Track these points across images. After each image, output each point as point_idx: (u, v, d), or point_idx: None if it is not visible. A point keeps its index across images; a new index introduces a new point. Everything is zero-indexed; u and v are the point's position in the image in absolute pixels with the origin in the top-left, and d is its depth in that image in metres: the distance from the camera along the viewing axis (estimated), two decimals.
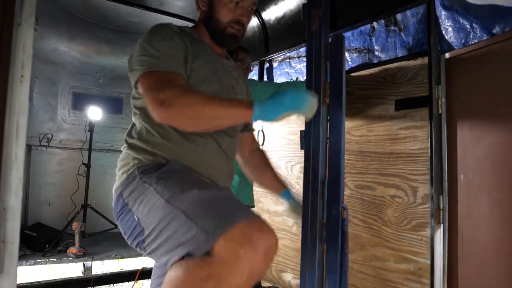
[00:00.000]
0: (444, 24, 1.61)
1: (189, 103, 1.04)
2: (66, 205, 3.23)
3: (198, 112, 1.03)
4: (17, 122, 0.87)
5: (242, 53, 2.15)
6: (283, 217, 2.41)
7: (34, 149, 3.24)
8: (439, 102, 1.61)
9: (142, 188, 1.08)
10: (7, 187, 0.85)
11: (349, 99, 2.00)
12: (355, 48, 2.12)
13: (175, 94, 1.05)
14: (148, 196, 1.05)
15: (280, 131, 2.49)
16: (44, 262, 2.62)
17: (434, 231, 1.57)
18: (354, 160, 1.96)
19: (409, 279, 1.66)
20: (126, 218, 1.11)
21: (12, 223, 0.86)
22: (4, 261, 0.84)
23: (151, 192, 1.04)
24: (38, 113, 3.25)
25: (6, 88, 0.86)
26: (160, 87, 1.07)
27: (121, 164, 1.20)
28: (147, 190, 1.06)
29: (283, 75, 2.67)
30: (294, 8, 2.35)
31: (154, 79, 1.09)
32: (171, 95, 1.05)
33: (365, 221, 1.89)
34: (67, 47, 3.20)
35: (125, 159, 1.19)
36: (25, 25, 0.88)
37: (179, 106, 1.04)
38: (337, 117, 1.27)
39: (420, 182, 1.66)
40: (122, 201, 1.13)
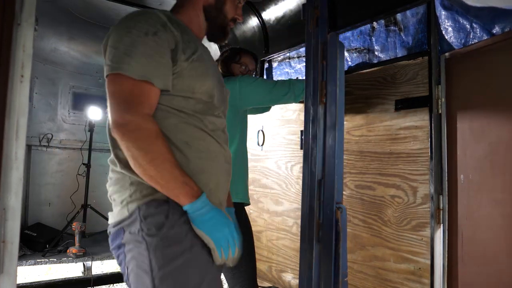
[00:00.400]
0: (444, 24, 1.61)
1: (146, 147, 0.94)
2: (66, 205, 3.24)
3: (147, 162, 0.94)
4: (17, 122, 0.87)
5: (247, 57, 2.05)
6: (283, 217, 2.41)
7: (34, 149, 3.24)
8: (439, 102, 1.61)
9: (139, 247, 0.97)
10: (7, 187, 0.85)
11: (349, 99, 2.00)
12: (355, 48, 2.12)
13: (140, 125, 0.94)
14: (140, 263, 0.96)
15: (280, 131, 2.49)
16: (44, 262, 2.62)
17: (434, 231, 1.58)
18: (354, 160, 1.96)
19: (409, 279, 1.66)
20: (119, 259, 1.03)
21: (12, 223, 0.86)
22: (4, 261, 0.84)
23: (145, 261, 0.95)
24: (38, 113, 3.25)
25: (6, 88, 0.86)
26: (128, 104, 0.95)
27: (116, 188, 1.04)
28: (142, 253, 0.96)
29: (282, 75, 2.67)
30: (294, 8, 2.34)
31: (124, 87, 0.96)
32: (136, 123, 0.94)
33: (365, 221, 1.89)
34: (67, 47, 3.21)
35: (120, 183, 1.03)
36: (25, 25, 0.88)
37: (136, 141, 0.94)
38: (334, 117, 1.27)
39: (420, 182, 1.66)
40: (121, 240, 1.00)
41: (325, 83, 1.28)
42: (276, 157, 2.50)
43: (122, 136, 0.94)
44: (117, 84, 0.97)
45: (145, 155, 0.94)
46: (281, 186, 2.44)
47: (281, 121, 2.44)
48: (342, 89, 1.36)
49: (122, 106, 0.95)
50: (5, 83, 0.86)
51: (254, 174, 2.63)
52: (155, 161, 0.94)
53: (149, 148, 0.94)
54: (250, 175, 2.53)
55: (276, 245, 2.46)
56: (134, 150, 0.94)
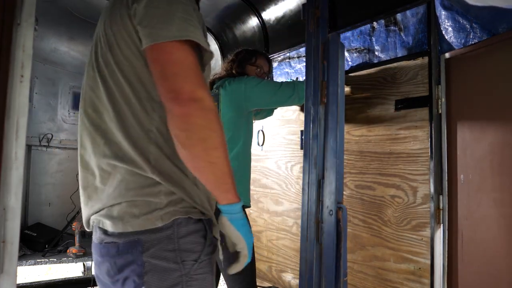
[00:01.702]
0: (444, 24, 1.61)
1: (218, 130, 0.82)
2: (66, 205, 3.23)
3: (214, 147, 0.82)
4: (17, 122, 0.87)
5: (262, 59, 2.04)
6: (283, 217, 2.41)
7: (34, 149, 3.24)
8: (439, 102, 1.61)
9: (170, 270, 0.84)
10: (7, 187, 0.85)
11: (349, 99, 2.00)
12: (355, 48, 2.12)
13: (212, 104, 0.81)
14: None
15: (280, 131, 2.49)
16: (44, 262, 2.62)
17: (434, 231, 1.57)
18: (354, 160, 1.96)
19: (409, 279, 1.66)
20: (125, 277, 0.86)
21: (12, 223, 0.86)
22: (4, 261, 0.84)
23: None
24: (38, 113, 3.25)
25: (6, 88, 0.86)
26: (199, 78, 0.81)
27: (135, 193, 0.86)
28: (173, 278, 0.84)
29: (283, 75, 2.67)
30: (294, 8, 2.34)
31: (192, 59, 0.82)
32: (210, 102, 0.81)
33: (365, 221, 1.89)
34: (67, 47, 3.21)
35: (146, 189, 0.86)
36: (25, 25, 0.88)
37: (211, 121, 0.81)
38: (335, 117, 1.27)
39: (420, 182, 1.66)
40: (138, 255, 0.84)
41: (326, 83, 1.28)
42: (276, 157, 2.50)
43: (196, 113, 0.79)
44: (181, 53, 0.81)
45: (215, 139, 0.82)
46: (281, 186, 2.44)
47: (281, 121, 2.44)
48: (343, 89, 1.36)
49: (194, 79, 0.80)
50: (5, 83, 0.86)
51: (254, 174, 2.63)
52: (221, 149, 0.83)
53: (219, 132, 0.82)
54: (251, 175, 2.53)
55: (276, 245, 2.46)
56: (205, 131, 0.80)
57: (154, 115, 0.89)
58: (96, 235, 0.93)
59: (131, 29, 0.86)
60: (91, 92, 0.95)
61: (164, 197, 0.87)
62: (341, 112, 1.31)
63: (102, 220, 0.90)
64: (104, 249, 0.89)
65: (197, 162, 0.83)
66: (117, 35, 0.88)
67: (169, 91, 0.80)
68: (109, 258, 0.88)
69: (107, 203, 0.89)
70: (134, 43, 0.87)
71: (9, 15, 0.86)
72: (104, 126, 0.91)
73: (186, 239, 0.88)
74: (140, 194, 0.86)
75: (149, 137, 0.88)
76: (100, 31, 0.95)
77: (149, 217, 0.85)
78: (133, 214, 0.86)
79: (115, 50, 0.89)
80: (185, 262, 0.86)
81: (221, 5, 2.67)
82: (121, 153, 0.88)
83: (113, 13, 0.89)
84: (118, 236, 0.86)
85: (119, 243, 0.86)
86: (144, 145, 0.87)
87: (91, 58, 0.98)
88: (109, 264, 0.88)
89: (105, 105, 0.91)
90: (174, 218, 0.86)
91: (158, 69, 0.82)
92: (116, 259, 0.86)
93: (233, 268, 0.97)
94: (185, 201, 0.89)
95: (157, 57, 0.82)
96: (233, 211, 0.90)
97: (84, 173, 0.97)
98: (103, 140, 0.91)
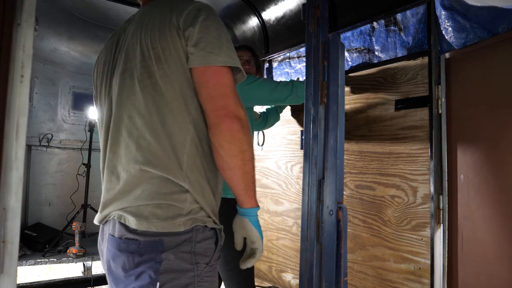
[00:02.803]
0: (444, 24, 1.61)
1: (252, 145, 0.99)
2: (66, 205, 3.24)
3: (249, 159, 0.97)
4: (17, 122, 0.87)
5: (240, 51, 2.08)
6: (283, 217, 2.41)
7: (34, 149, 3.24)
8: (439, 102, 1.61)
9: (184, 270, 0.93)
10: (7, 187, 0.85)
11: (349, 99, 2.00)
12: (355, 48, 2.12)
13: (248, 122, 0.97)
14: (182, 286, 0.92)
15: (280, 131, 2.49)
16: (44, 262, 2.62)
17: (434, 231, 1.57)
18: (354, 160, 1.96)
19: (409, 279, 1.66)
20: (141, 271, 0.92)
21: (12, 223, 0.86)
22: (4, 261, 0.84)
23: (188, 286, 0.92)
24: (38, 113, 3.25)
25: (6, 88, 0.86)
26: (239, 99, 0.97)
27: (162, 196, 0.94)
28: (186, 278, 0.93)
29: (283, 75, 2.67)
30: (294, 8, 2.34)
31: (232, 83, 0.98)
32: (247, 120, 0.97)
33: (365, 221, 1.89)
34: (67, 47, 3.21)
35: (174, 195, 0.94)
36: (25, 25, 0.88)
37: (248, 137, 0.96)
38: (335, 117, 1.27)
39: (420, 182, 1.66)
40: (159, 254, 0.91)
41: (326, 83, 1.28)
42: (276, 157, 2.50)
43: (239, 129, 0.94)
44: (228, 77, 0.97)
45: (250, 152, 0.97)
46: (281, 186, 2.44)
47: (281, 121, 2.44)
48: (343, 89, 1.36)
49: (237, 100, 0.96)
50: (5, 83, 0.86)
51: None
52: (253, 161, 0.98)
53: (252, 147, 0.99)
54: None
55: (276, 245, 2.46)
56: (245, 145, 0.95)
57: (190, 127, 0.97)
58: (115, 229, 0.97)
59: (180, 49, 0.96)
60: (127, 99, 1.01)
61: (189, 205, 0.95)
62: (341, 112, 1.31)
63: (125, 216, 0.95)
64: (123, 244, 0.94)
65: (235, 170, 0.95)
66: (165, 51, 0.96)
67: (220, 109, 0.94)
68: (127, 253, 0.93)
69: (133, 203, 0.95)
70: (181, 61, 0.97)
71: (9, 15, 0.86)
72: (138, 133, 0.98)
73: (202, 244, 0.96)
74: (169, 198, 0.94)
75: (184, 147, 0.97)
76: (143, 43, 1.00)
77: (173, 221, 0.93)
78: (158, 216, 0.93)
79: (162, 64, 0.97)
80: (198, 264, 0.95)
81: (221, 5, 2.67)
82: (154, 160, 0.95)
83: (162, 30, 0.98)
84: (141, 234, 0.92)
85: (141, 241, 0.92)
86: (179, 154, 0.96)
87: (126, 67, 1.03)
88: (126, 259, 0.93)
89: (142, 113, 0.98)
90: (194, 225, 0.95)
91: (211, 88, 0.95)
92: (135, 255, 0.92)
93: (248, 262, 1.07)
94: (203, 211, 0.98)
95: (210, 78, 0.95)
96: (254, 214, 1.03)
97: (109, 176, 1.04)
98: (135, 146, 0.97)
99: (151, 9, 1.05)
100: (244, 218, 1.04)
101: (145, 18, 1.03)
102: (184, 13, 0.98)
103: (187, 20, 0.97)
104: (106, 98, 1.09)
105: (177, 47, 0.96)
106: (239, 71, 1.02)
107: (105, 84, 1.10)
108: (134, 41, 1.02)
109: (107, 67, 1.11)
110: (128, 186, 0.97)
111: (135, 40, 1.01)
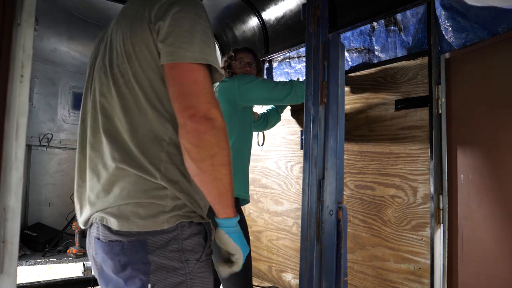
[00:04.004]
0: (444, 24, 1.60)
1: (226, 148, 0.89)
2: (66, 205, 3.23)
3: (221, 164, 0.88)
4: (17, 122, 0.87)
5: (240, 52, 2.12)
6: (283, 217, 2.41)
7: (34, 149, 3.24)
8: (439, 102, 1.61)
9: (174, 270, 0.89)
10: (7, 187, 0.85)
11: (349, 99, 2.00)
12: (355, 48, 2.12)
13: (223, 124, 0.88)
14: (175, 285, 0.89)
15: (280, 131, 2.49)
16: (44, 262, 2.62)
17: (434, 231, 1.57)
18: (354, 160, 1.96)
19: (409, 279, 1.66)
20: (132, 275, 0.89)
21: (12, 223, 0.86)
22: (4, 261, 0.84)
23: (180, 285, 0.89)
24: (38, 113, 3.25)
25: (6, 88, 0.86)
26: (213, 98, 0.88)
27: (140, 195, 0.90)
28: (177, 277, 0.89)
29: (282, 75, 2.67)
30: (294, 8, 2.34)
31: (207, 80, 0.89)
32: (221, 121, 0.88)
33: (365, 221, 1.89)
34: (67, 47, 3.21)
35: (153, 193, 0.91)
36: (25, 25, 0.88)
37: (220, 140, 0.87)
38: (335, 117, 1.27)
39: (420, 182, 1.66)
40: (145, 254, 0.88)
41: (326, 83, 1.28)
42: (276, 157, 2.50)
43: (208, 130, 0.85)
44: (200, 74, 0.88)
45: (223, 156, 0.88)
46: (281, 186, 2.44)
47: (281, 121, 2.44)
48: (343, 89, 1.36)
49: (209, 99, 0.88)
50: (5, 83, 0.86)
51: (254, 174, 2.63)
52: (227, 166, 0.89)
53: (227, 152, 0.89)
54: (250, 175, 2.53)
55: (276, 245, 2.46)
56: (215, 148, 0.86)
57: (168, 126, 0.93)
58: (99, 232, 0.94)
59: (152, 44, 0.91)
60: (102, 98, 0.98)
61: (170, 201, 0.91)
62: (341, 112, 1.31)
63: (106, 218, 0.92)
64: (107, 247, 0.91)
65: (204, 176, 0.88)
66: (136, 47, 0.92)
67: (186, 108, 0.86)
68: (112, 255, 0.90)
69: (114, 203, 0.92)
70: (153, 57, 0.91)
71: (9, 15, 0.86)
72: (114, 132, 0.95)
73: (189, 240, 0.92)
74: (148, 196, 0.90)
75: (162, 146, 0.93)
76: (117, 39, 0.97)
77: (155, 220, 0.89)
78: (139, 215, 0.89)
79: (133, 61, 0.92)
80: (188, 261, 0.91)
81: (221, 5, 2.67)
82: (131, 159, 0.92)
83: (133, 25, 0.93)
84: (123, 235, 0.89)
85: (124, 242, 0.89)
86: (156, 153, 0.92)
87: (103, 63, 1.00)
88: (112, 262, 0.91)
89: (117, 113, 0.94)
90: (179, 221, 0.91)
91: (178, 87, 0.88)
92: (120, 257, 0.89)
93: (225, 271, 1.02)
94: (187, 206, 0.94)
95: (177, 75, 0.88)
96: (231, 225, 0.95)
97: (91, 174, 0.99)
98: (113, 145, 0.94)
99: (130, 3, 1.00)
100: (219, 229, 0.96)
101: (122, 13, 1.00)
102: (157, 5, 0.91)
103: (158, 13, 0.90)
104: (89, 95, 1.06)
105: (148, 43, 0.91)
106: (215, 69, 0.93)
107: (88, 81, 1.08)
108: (113, 37, 0.99)
109: (91, 63, 1.09)
110: (107, 185, 0.93)
111: (113, 36, 0.98)
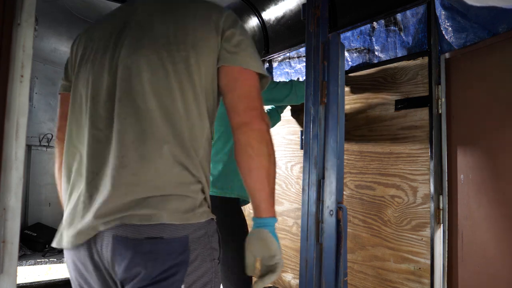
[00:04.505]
0: (444, 24, 1.60)
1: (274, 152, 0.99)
2: None
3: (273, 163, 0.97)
4: (17, 122, 0.87)
5: None
6: (283, 217, 2.41)
7: (34, 149, 3.24)
8: (439, 102, 1.61)
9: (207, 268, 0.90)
10: (7, 187, 0.85)
11: (349, 99, 2.00)
12: (355, 48, 2.12)
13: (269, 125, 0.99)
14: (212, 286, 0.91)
15: (280, 131, 2.49)
16: (44, 262, 2.62)
17: (434, 231, 1.57)
18: (354, 160, 1.96)
19: (409, 279, 1.66)
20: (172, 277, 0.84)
21: (12, 223, 0.86)
22: (4, 261, 0.84)
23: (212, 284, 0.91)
24: (38, 113, 3.25)
25: (6, 88, 0.86)
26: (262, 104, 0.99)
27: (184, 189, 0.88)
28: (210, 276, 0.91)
29: (283, 75, 2.67)
30: (294, 8, 2.34)
31: (259, 89, 1.00)
32: (270, 125, 1.00)
33: (365, 221, 1.89)
34: (67, 47, 3.20)
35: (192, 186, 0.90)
36: (25, 25, 0.88)
37: (270, 142, 0.98)
38: (335, 117, 1.27)
39: (420, 182, 1.66)
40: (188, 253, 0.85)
41: (326, 83, 1.28)
42: (276, 157, 2.50)
43: (268, 131, 0.96)
44: (258, 83, 0.99)
45: (275, 158, 0.98)
46: (281, 186, 2.44)
47: (281, 121, 2.44)
48: (343, 89, 1.36)
49: (263, 106, 0.99)
50: (5, 83, 0.86)
51: None
52: (275, 166, 0.98)
53: (274, 155, 0.98)
54: None
55: None
56: (272, 149, 0.96)
57: (206, 123, 0.96)
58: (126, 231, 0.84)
59: (215, 44, 0.97)
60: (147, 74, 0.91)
61: (200, 196, 0.92)
62: (341, 112, 1.31)
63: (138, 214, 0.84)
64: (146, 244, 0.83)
65: (261, 171, 0.93)
66: (199, 41, 0.95)
67: (253, 108, 0.95)
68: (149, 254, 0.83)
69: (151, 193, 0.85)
70: (212, 55, 0.96)
71: (9, 15, 0.86)
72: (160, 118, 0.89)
73: (214, 237, 0.94)
74: (186, 190, 0.88)
75: (200, 141, 0.94)
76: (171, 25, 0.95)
77: (194, 213, 0.88)
78: (178, 209, 0.86)
79: (196, 52, 0.95)
80: (214, 260, 0.93)
81: (221, 5, 2.67)
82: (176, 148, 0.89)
83: (198, 20, 0.97)
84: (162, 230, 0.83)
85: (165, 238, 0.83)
86: (196, 146, 0.93)
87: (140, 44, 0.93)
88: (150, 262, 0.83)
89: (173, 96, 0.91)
90: (210, 217, 0.93)
91: (246, 88, 0.96)
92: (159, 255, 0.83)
93: (267, 279, 0.95)
94: (207, 202, 0.96)
95: (246, 79, 0.97)
96: (273, 224, 0.95)
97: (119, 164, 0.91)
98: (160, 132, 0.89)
99: None
100: (263, 229, 0.94)
101: (168, 2, 1.01)
102: (224, 14, 1.00)
103: (227, 21, 0.99)
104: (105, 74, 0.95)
105: (212, 42, 0.96)
106: (266, 81, 1.04)
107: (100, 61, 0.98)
108: (157, 20, 0.96)
109: (109, 41, 0.99)
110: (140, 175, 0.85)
111: (158, 20, 0.96)
